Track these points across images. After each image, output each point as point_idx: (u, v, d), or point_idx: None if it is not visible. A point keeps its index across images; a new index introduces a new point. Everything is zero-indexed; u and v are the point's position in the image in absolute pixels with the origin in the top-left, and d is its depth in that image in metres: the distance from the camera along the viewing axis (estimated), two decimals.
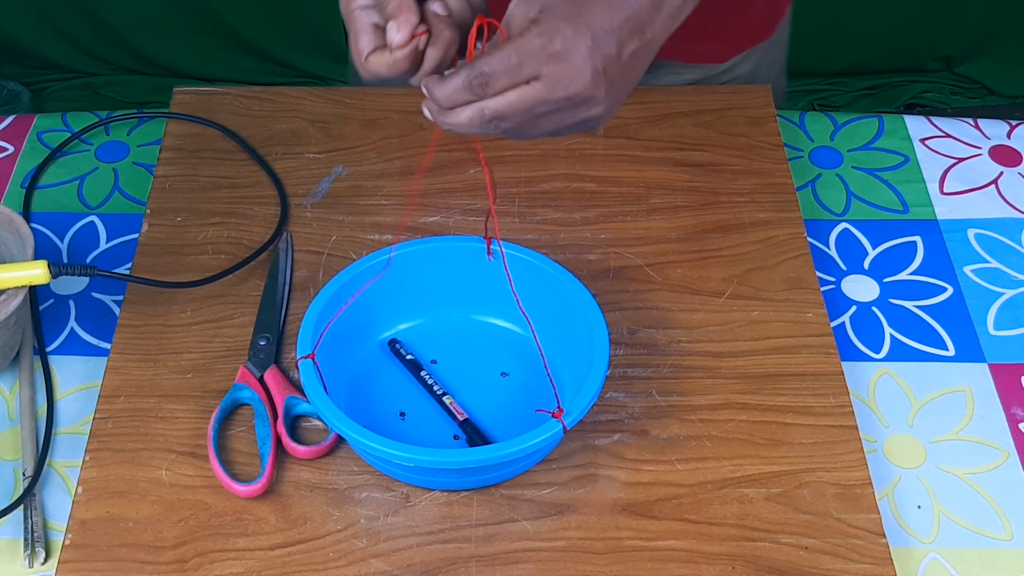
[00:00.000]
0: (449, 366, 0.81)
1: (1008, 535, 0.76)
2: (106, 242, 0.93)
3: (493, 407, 0.79)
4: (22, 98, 2.09)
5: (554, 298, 0.78)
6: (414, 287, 0.81)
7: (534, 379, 0.80)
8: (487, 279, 0.81)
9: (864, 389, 0.84)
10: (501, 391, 0.80)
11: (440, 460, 0.69)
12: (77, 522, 0.73)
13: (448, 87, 0.63)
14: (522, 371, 0.81)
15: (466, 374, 0.81)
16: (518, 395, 0.80)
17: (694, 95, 1.01)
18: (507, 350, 0.82)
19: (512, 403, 0.79)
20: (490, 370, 0.81)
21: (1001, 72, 2.16)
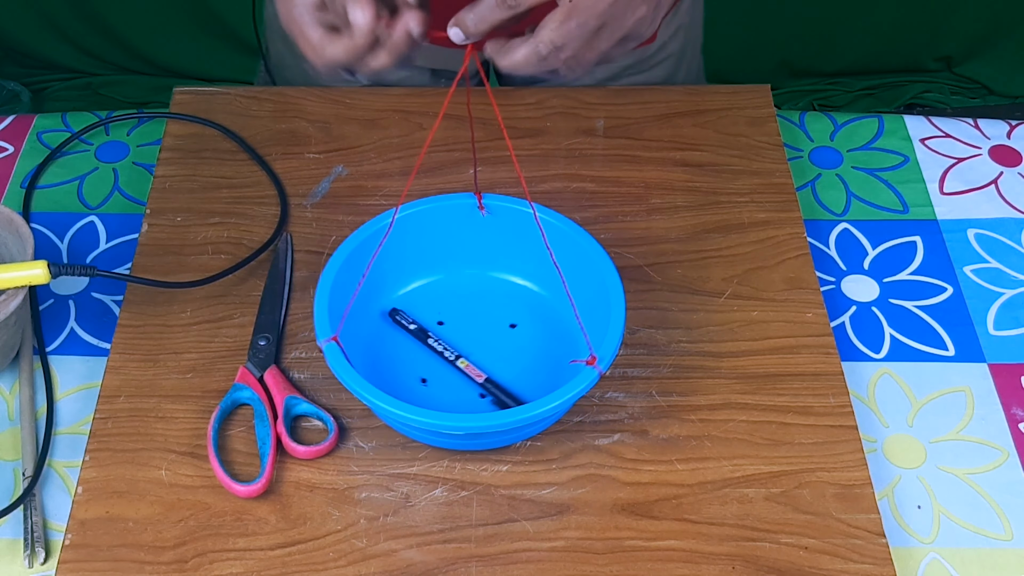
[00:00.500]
0: (457, 325, 0.82)
1: (1008, 535, 0.76)
2: (106, 242, 0.93)
3: (508, 360, 0.80)
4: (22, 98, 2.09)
5: (560, 249, 0.79)
6: (412, 251, 0.82)
7: (544, 329, 0.81)
8: (483, 235, 0.82)
9: (864, 389, 0.84)
10: (513, 344, 0.81)
11: (491, 423, 0.70)
12: (77, 522, 0.73)
13: (479, 8, 0.63)
14: (530, 322, 0.82)
15: (475, 331, 0.82)
16: (530, 346, 0.81)
17: (694, 95, 1.01)
18: (512, 303, 0.83)
19: (526, 355, 0.81)
20: (498, 324, 0.82)
21: (1001, 72, 2.16)
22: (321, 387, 0.80)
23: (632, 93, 1.01)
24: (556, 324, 0.82)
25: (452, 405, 0.78)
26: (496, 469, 0.76)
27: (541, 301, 0.83)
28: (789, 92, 2.13)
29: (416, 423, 0.71)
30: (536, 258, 0.81)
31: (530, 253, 0.81)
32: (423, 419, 0.70)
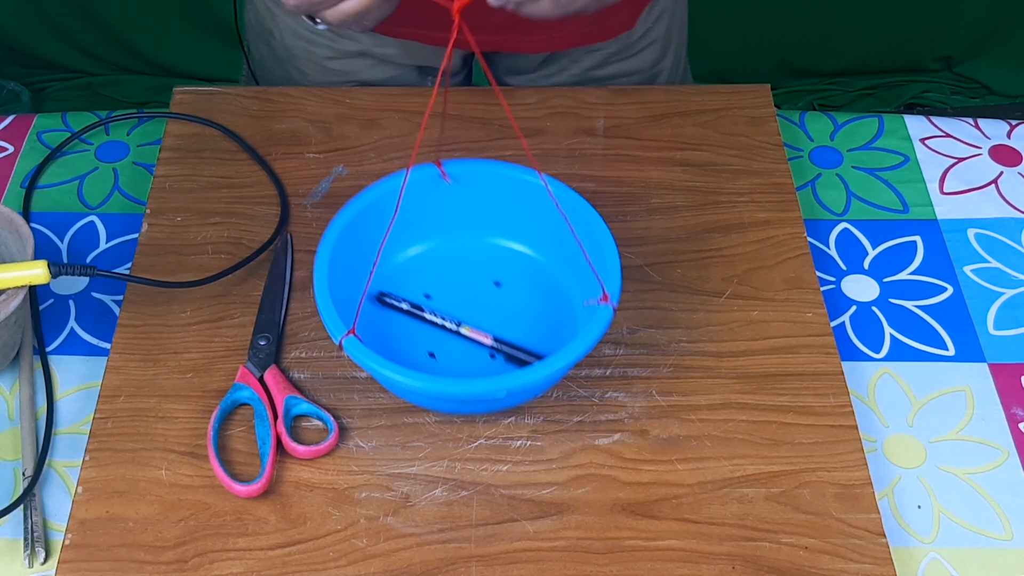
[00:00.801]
0: (445, 296, 0.83)
1: (1008, 535, 0.76)
2: (106, 242, 0.93)
3: (506, 319, 0.82)
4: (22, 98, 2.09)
5: (539, 205, 0.81)
6: (391, 229, 0.83)
7: (531, 284, 0.83)
8: (453, 203, 0.83)
9: (864, 389, 0.84)
10: (505, 303, 0.83)
11: (531, 379, 0.71)
12: (77, 522, 0.73)
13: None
14: (515, 279, 0.84)
15: (465, 297, 0.83)
16: (523, 302, 0.83)
17: (694, 95, 1.01)
18: (494, 264, 0.85)
19: (521, 311, 0.83)
20: (484, 285, 0.84)
21: (1001, 72, 2.16)
22: (321, 387, 0.80)
23: (632, 93, 1.01)
24: (542, 278, 0.84)
25: (468, 371, 0.80)
26: (496, 469, 0.76)
27: (523, 259, 0.85)
28: (789, 92, 2.13)
29: (463, 395, 0.72)
30: (514, 218, 0.83)
31: (507, 214, 0.83)
32: (473, 389, 0.71)
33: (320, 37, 1.06)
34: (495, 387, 0.72)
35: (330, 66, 1.07)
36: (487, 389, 0.72)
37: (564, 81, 1.09)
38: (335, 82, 1.08)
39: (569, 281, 0.82)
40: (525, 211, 0.83)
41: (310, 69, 1.08)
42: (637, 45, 1.08)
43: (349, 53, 1.06)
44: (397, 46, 1.05)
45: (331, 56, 1.07)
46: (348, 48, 1.06)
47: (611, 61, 1.08)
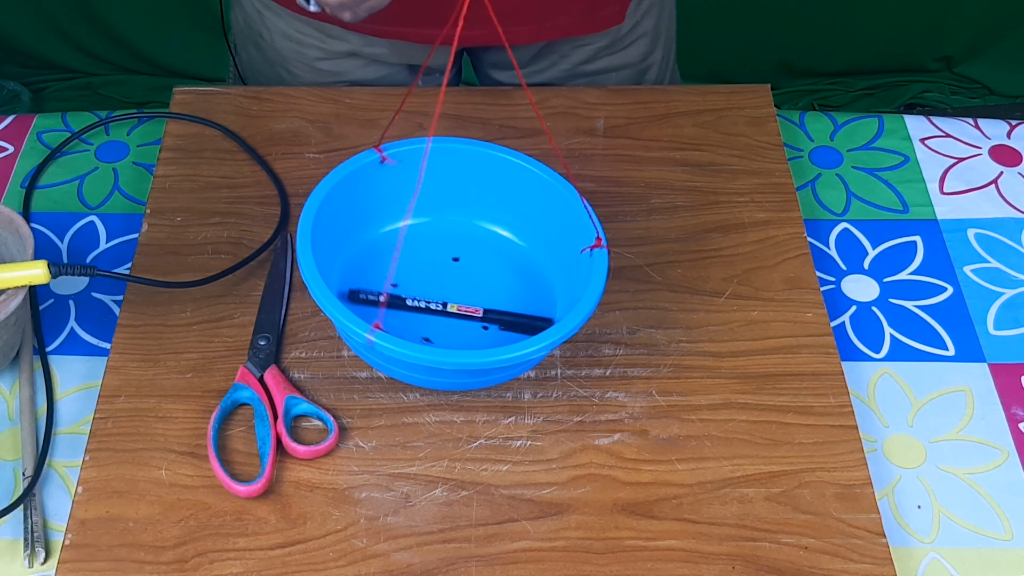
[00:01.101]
0: (410, 280, 0.84)
1: (1008, 535, 0.76)
2: (106, 242, 0.93)
3: (481, 289, 0.83)
4: (22, 98, 2.09)
5: (503, 178, 0.83)
6: (363, 214, 0.84)
7: (484, 249, 0.85)
8: (395, 185, 0.84)
9: (864, 389, 0.84)
10: (469, 273, 0.84)
11: (556, 337, 0.72)
12: (77, 522, 0.73)
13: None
14: (469, 250, 0.85)
15: (427, 277, 0.84)
16: (488, 269, 0.85)
17: (694, 95, 1.01)
18: (449, 241, 0.86)
19: (492, 277, 0.84)
20: (442, 262, 0.84)
21: (1001, 72, 2.16)
22: (321, 387, 0.80)
23: (632, 93, 1.01)
24: (500, 249, 0.86)
25: (467, 346, 0.80)
26: (496, 469, 0.76)
27: (471, 231, 0.86)
28: (789, 92, 2.13)
29: (514, 360, 0.72)
30: (470, 194, 0.84)
31: (461, 191, 0.85)
32: (508, 355, 0.71)
33: (310, 38, 1.06)
34: (540, 344, 0.72)
35: (320, 67, 1.07)
36: (534, 348, 0.72)
37: (554, 76, 1.08)
38: (325, 83, 1.08)
39: (535, 249, 0.85)
40: (480, 186, 0.84)
41: (300, 70, 1.08)
42: (627, 39, 1.08)
43: (339, 54, 1.06)
44: (386, 46, 1.05)
45: (321, 57, 1.07)
46: (338, 49, 1.06)
47: (601, 55, 1.08)
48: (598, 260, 0.76)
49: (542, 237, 0.85)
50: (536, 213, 0.84)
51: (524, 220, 0.85)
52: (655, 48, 1.12)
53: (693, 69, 1.21)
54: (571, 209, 0.80)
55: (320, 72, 1.08)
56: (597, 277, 0.76)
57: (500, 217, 0.86)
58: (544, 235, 0.84)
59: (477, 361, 0.72)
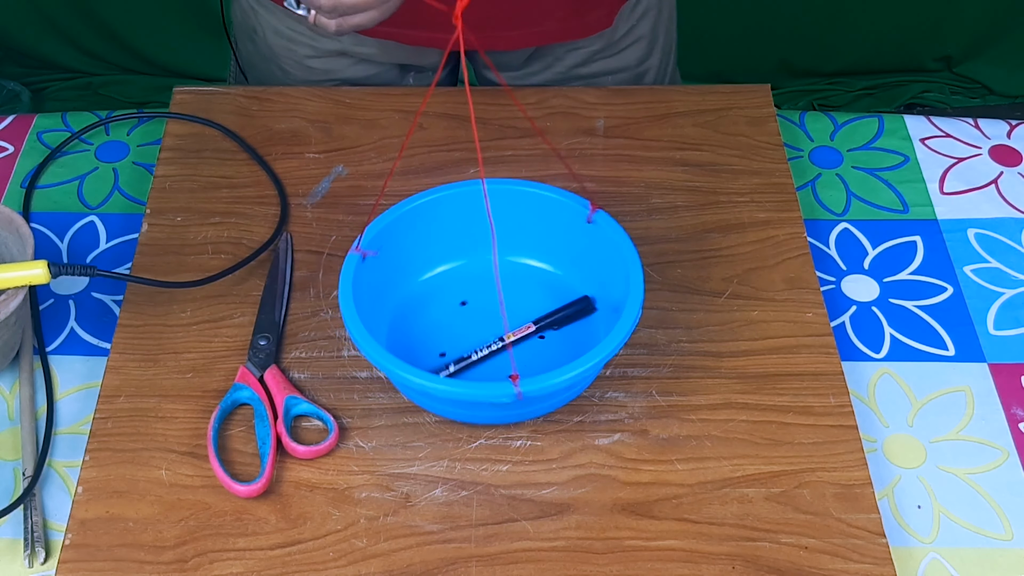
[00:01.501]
0: (457, 331, 0.83)
1: (1008, 535, 0.76)
2: (106, 242, 0.93)
3: (523, 315, 0.83)
4: (22, 98, 2.09)
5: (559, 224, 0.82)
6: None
7: (521, 280, 0.85)
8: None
9: (864, 389, 0.84)
10: (509, 305, 0.82)
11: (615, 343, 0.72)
12: (77, 522, 0.73)
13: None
14: (505, 285, 0.83)
15: (472, 321, 0.83)
16: (525, 297, 0.84)
17: (694, 95, 1.01)
18: (479, 282, 0.85)
19: (530, 302, 0.84)
20: (452, 306, 0.84)
21: (1001, 72, 2.16)
22: (321, 387, 0.80)
23: (632, 93, 1.01)
24: (536, 278, 0.85)
25: (541, 363, 0.80)
26: (496, 469, 0.76)
27: (512, 267, 0.85)
28: (789, 92, 2.13)
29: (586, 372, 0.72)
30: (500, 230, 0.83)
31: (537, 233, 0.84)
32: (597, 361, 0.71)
33: (300, 36, 1.06)
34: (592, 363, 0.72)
35: (311, 64, 1.08)
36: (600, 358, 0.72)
37: (549, 79, 1.08)
38: (317, 81, 1.08)
39: (568, 272, 0.84)
40: (504, 221, 0.82)
41: (292, 67, 1.09)
42: (621, 43, 1.08)
43: (329, 52, 1.07)
44: (376, 45, 1.05)
45: (311, 55, 1.07)
46: (328, 47, 1.06)
47: (595, 59, 1.08)
48: (636, 278, 0.76)
49: (571, 258, 0.84)
50: (557, 235, 0.83)
51: (549, 245, 0.84)
52: (652, 52, 1.12)
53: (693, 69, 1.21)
54: (584, 221, 0.80)
55: (310, 70, 1.08)
56: (635, 298, 0.75)
57: (528, 248, 0.85)
58: (572, 256, 0.84)
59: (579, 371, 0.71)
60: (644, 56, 1.11)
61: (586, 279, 0.83)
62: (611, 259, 0.79)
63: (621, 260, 0.78)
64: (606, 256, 0.80)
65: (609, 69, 1.09)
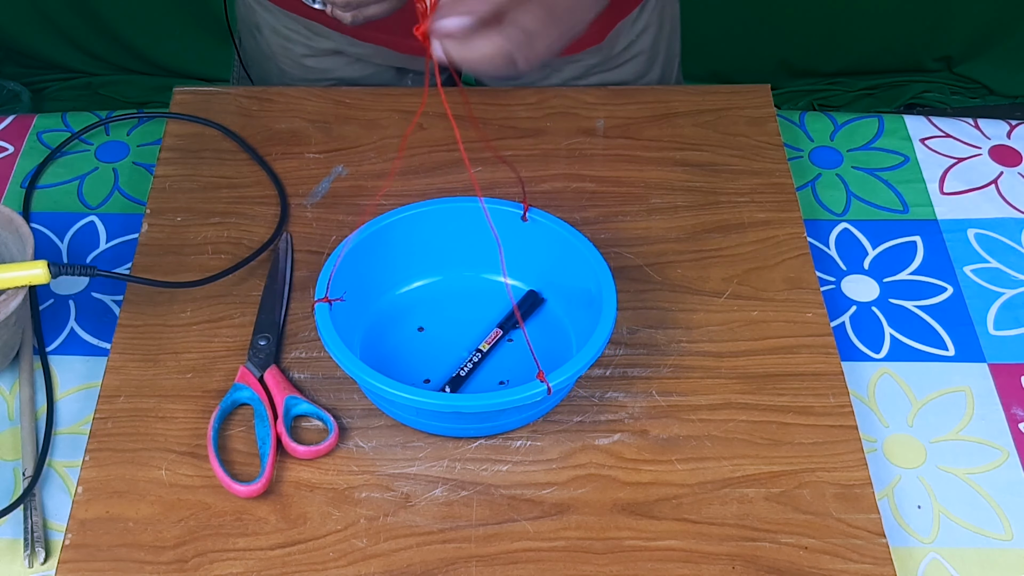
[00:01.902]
0: (436, 350, 0.83)
1: (1008, 535, 0.76)
2: (106, 242, 0.93)
3: (470, 335, 0.83)
4: (22, 98, 2.09)
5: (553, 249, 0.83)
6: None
7: (487, 299, 0.85)
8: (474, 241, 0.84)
9: (864, 389, 0.84)
10: (483, 320, 0.83)
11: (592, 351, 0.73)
12: (77, 522, 0.73)
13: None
14: (476, 303, 0.85)
15: (449, 337, 0.83)
16: (490, 313, 0.84)
17: (694, 95, 1.01)
18: (456, 299, 0.85)
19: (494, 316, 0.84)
20: (410, 332, 0.84)
21: (1001, 72, 2.16)
22: (321, 387, 0.80)
23: (632, 93, 1.01)
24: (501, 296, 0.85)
25: (515, 369, 0.81)
26: (496, 469, 0.76)
27: (484, 284, 0.85)
28: (789, 92, 2.13)
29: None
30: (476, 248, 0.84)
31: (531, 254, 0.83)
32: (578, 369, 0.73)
33: (297, 35, 1.06)
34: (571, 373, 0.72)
35: (307, 63, 1.08)
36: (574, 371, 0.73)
37: None
38: (314, 80, 1.08)
39: (543, 290, 0.85)
40: (478, 240, 0.83)
41: (288, 66, 1.09)
42: (620, 57, 1.08)
43: (325, 51, 1.07)
44: (370, 47, 1.05)
45: (307, 54, 1.07)
46: (323, 46, 1.07)
47: (593, 72, 1.08)
48: (607, 291, 0.76)
49: (555, 282, 0.84)
50: (530, 252, 0.83)
51: (526, 264, 0.84)
52: (652, 67, 1.12)
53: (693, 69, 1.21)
54: (560, 240, 0.81)
55: (307, 68, 1.08)
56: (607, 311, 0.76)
57: (477, 263, 0.85)
58: (555, 279, 0.84)
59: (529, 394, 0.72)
60: (643, 71, 1.11)
61: (534, 275, 0.84)
62: (555, 249, 0.81)
63: (565, 248, 0.80)
64: (551, 248, 0.81)
65: (607, 83, 1.09)
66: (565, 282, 0.82)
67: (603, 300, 0.76)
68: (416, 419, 0.76)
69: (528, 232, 0.82)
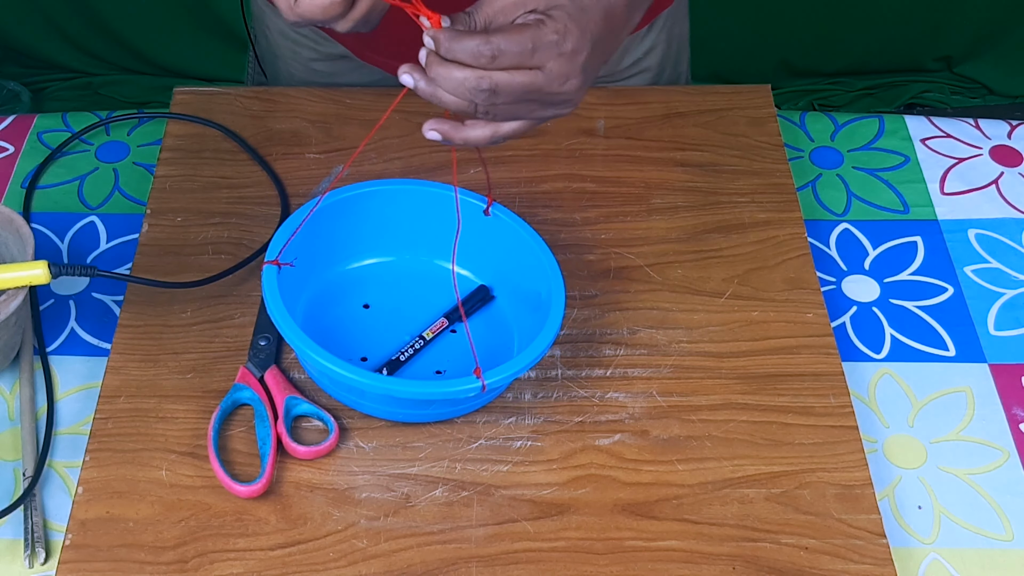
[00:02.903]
0: (377, 331, 0.83)
1: (1008, 535, 0.76)
2: (106, 242, 0.93)
3: (418, 318, 0.83)
4: (22, 98, 2.09)
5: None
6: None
7: (435, 285, 0.85)
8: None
9: (864, 389, 0.84)
10: (430, 305, 0.83)
11: (540, 346, 0.74)
12: (77, 522, 0.73)
13: (460, 42, 0.64)
14: (426, 289, 0.85)
15: (395, 320, 0.83)
16: (440, 300, 0.84)
17: (694, 95, 1.01)
18: (407, 280, 0.85)
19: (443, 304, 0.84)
20: (355, 308, 0.84)
21: (1001, 72, 2.16)
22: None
23: (632, 93, 1.01)
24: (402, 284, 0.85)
25: (457, 355, 0.81)
26: (496, 469, 0.76)
27: (436, 271, 0.85)
28: (789, 92, 2.13)
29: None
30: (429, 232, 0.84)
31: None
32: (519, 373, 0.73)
33: (305, 38, 1.06)
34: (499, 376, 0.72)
35: (314, 67, 1.08)
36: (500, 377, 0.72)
37: None
38: (320, 83, 1.08)
39: (489, 280, 0.85)
40: (431, 224, 0.84)
41: (296, 69, 1.09)
42: (624, 73, 1.08)
43: (332, 55, 1.07)
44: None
45: (315, 58, 1.07)
46: (331, 51, 1.07)
47: (597, 85, 1.08)
48: (556, 297, 0.77)
49: (506, 280, 0.84)
50: (488, 248, 0.83)
51: (482, 258, 0.84)
52: (657, 83, 1.12)
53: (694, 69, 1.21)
54: (518, 240, 0.81)
55: (314, 72, 1.08)
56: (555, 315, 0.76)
57: (430, 249, 0.85)
58: (507, 277, 0.84)
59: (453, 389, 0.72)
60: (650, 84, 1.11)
61: (488, 270, 0.84)
62: (513, 248, 0.81)
63: (522, 248, 0.80)
64: (508, 246, 0.81)
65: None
66: (517, 282, 0.82)
67: (551, 305, 0.76)
68: (348, 396, 0.77)
69: (489, 227, 0.82)
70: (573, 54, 0.65)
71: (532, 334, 0.75)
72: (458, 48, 0.63)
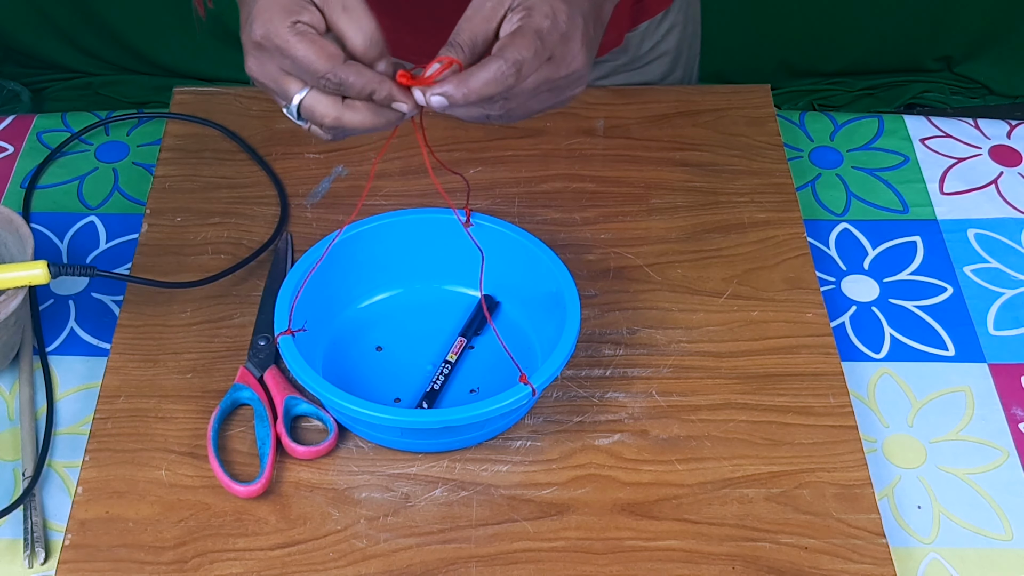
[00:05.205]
0: (400, 365, 0.81)
1: (1008, 535, 0.76)
2: (106, 242, 0.93)
3: (436, 348, 0.82)
4: (22, 98, 2.09)
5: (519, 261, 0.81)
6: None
7: (450, 310, 0.83)
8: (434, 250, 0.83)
9: (864, 389, 0.84)
10: (445, 333, 0.82)
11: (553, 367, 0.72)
12: (77, 522, 0.73)
13: (479, 81, 0.63)
14: (439, 315, 0.83)
15: (416, 352, 0.82)
16: (453, 324, 0.83)
17: (694, 95, 1.01)
18: (419, 311, 0.84)
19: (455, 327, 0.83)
20: (368, 350, 0.82)
21: (1001, 72, 2.16)
22: None
23: (632, 93, 1.01)
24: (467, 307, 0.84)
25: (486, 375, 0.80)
26: (496, 469, 0.76)
27: (447, 296, 0.84)
28: (789, 92, 2.13)
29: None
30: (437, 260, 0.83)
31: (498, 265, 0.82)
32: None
33: None
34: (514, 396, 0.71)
35: None
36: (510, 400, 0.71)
37: None
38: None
39: (507, 302, 0.84)
40: (437, 251, 0.83)
41: None
42: (646, 57, 1.08)
43: None
44: None
45: None
46: None
47: (619, 71, 1.08)
48: (570, 304, 0.76)
49: (508, 286, 0.83)
50: (468, 253, 0.81)
51: (475, 270, 0.82)
52: (675, 67, 1.12)
53: None
54: (523, 249, 0.80)
55: None
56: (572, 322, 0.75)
57: (465, 278, 0.84)
58: (509, 283, 0.83)
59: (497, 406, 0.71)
60: (668, 71, 1.11)
61: (485, 281, 0.81)
62: (506, 253, 0.80)
63: (516, 250, 0.79)
64: (501, 252, 0.80)
65: (632, 82, 1.09)
66: (518, 284, 0.81)
67: (564, 297, 0.75)
68: (401, 440, 0.76)
69: (477, 238, 0.79)
70: (570, 32, 0.64)
71: (552, 330, 0.75)
72: (476, 92, 0.63)
